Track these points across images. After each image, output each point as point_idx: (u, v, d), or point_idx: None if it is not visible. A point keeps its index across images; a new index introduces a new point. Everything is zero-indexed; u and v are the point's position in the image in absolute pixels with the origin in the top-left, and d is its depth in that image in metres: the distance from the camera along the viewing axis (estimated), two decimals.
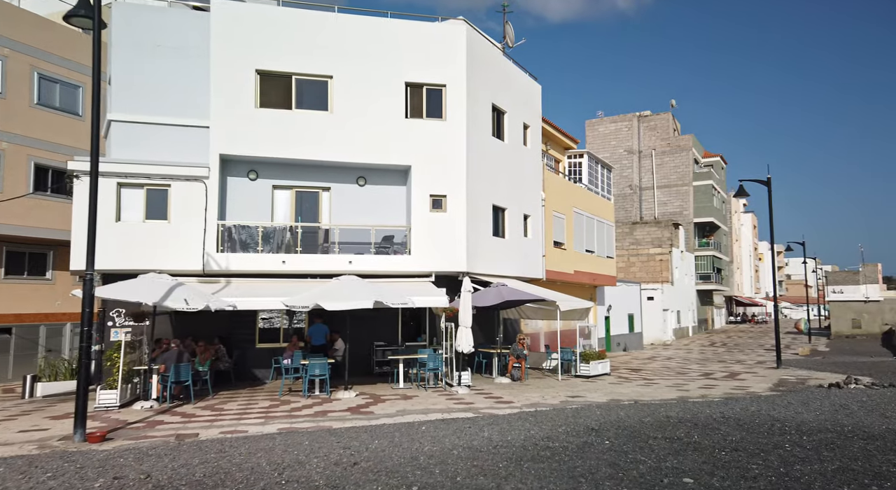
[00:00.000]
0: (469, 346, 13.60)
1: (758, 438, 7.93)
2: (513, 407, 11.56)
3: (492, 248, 18.40)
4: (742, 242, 73.57)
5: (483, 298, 15.62)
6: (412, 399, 12.66)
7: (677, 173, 51.35)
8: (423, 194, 16.76)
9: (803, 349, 31.59)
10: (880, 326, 43.97)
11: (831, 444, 7.51)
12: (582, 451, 7.23)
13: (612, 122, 53.69)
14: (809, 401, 11.56)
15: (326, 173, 16.81)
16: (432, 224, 16.75)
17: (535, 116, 21.50)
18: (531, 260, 20.96)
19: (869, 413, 9.94)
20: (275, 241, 15.89)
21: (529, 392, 13.92)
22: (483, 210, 17.94)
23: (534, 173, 21.29)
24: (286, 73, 16.01)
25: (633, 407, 11.33)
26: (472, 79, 17.38)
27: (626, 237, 44.53)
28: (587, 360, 17.39)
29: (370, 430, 8.83)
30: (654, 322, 38.72)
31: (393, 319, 17.74)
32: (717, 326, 58.21)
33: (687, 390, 14.50)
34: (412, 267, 16.51)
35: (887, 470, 6.06)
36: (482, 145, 17.90)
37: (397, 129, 16.60)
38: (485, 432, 8.52)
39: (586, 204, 26.38)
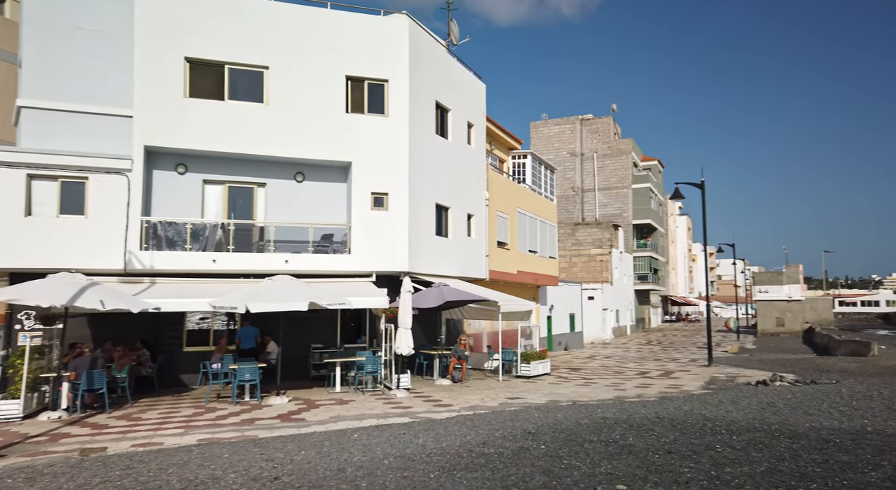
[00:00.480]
0: (409, 347, 13.27)
1: (690, 439, 7.98)
2: (451, 410, 11.32)
3: (435, 248, 18.13)
4: (677, 244, 76.51)
5: (424, 299, 15.32)
6: (348, 404, 12.21)
7: (617, 176, 52.74)
8: (364, 192, 16.30)
9: (732, 347, 32.98)
10: (801, 324, 46.62)
11: (760, 443, 7.63)
12: (517, 457, 7.04)
13: (556, 124, 54.59)
14: (739, 399, 11.88)
15: (262, 168, 16.08)
16: (373, 222, 16.31)
17: (480, 115, 21.39)
18: (474, 260, 20.83)
19: (794, 411, 10.27)
20: (205, 238, 15.04)
21: (469, 394, 13.73)
22: (426, 209, 17.64)
23: (478, 173, 21.17)
24: (218, 62, 15.18)
25: (571, 408, 11.30)
26: (416, 75, 17.05)
27: (569, 238, 45.33)
28: (528, 361, 17.39)
29: (298, 440, 8.35)
30: (595, 321, 39.56)
31: (332, 321, 17.18)
32: (654, 325, 60.20)
33: (624, 390, 14.68)
34: (352, 266, 16.03)
35: (812, 470, 6.15)
36: (425, 143, 17.60)
37: (337, 124, 16.07)
38: (419, 439, 8.22)
39: (530, 204, 26.54)
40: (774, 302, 48.42)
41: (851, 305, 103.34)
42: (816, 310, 48.40)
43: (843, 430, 8.48)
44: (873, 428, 8.64)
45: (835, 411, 10.12)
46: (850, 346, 25.53)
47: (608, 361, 24.22)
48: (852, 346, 25.26)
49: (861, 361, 21.31)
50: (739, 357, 26.08)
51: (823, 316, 48.11)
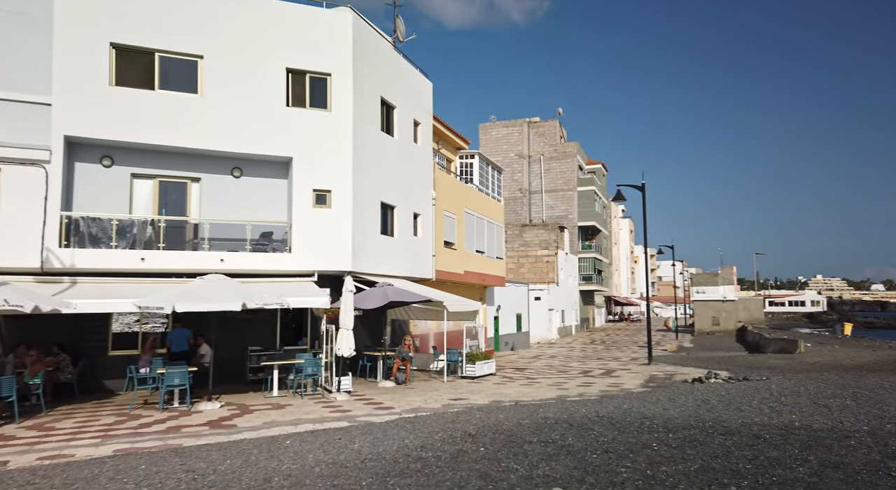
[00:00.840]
0: (350, 349, 12.88)
1: (628, 438, 7.99)
2: (392, 413, 11.02)
3: (380, 247, 17.78)
4: (620, 246, 78.70)
5: (368, 299, 14.96)
6: (285, 408, 11.72)
7: (563, 178, 53.69)
8: (305, 188, 15.78)
9: (671, 346, 34.05)
10: (735, 323, 48.74)
11: (694, 441, 7.70)
12: (455, 460, 6.83)
13: (504, 126, 55.09)
14: (675, 397, 12.10)
15: (196, 162, 15.31)
16: (316, 220, 15.82)
17: (426, 114, 21.18)
18: (421, 260, 20.59)
19: (727, 407, 10.51)
20: (132, 236, 14.17)
21: (412, 396, 13.47)
22: (371, 207, 17.27)
23: (424, 171, 20.95)
24: (148, 49, 14.35)
25: (513, 408, 11.22)
26: (360, 69, 16.66)
27: (517, 239, 45.76)
28: (473, 361, 17.28)
29: (225, 448, 7.87)
30: (541, 321, 40.04)
31: (271, 322, 16.55)
32: (598, 325, 61.64)
33: (566, 389, 14.77)
34: (293, 266, 15.48)
35: (743, 467, 6.22)
36: (370, 139, 17.23)
37: (277, 118, 15.49)
38: (356, 444, 7.89)
39: (477, 204, 26.53)
40: (710, 302, 50.42)
41: (780, 305, 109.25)
42: (749, 309, 50.72)
43: (773, 426, 8.70)
44: (800, 423, 8.91)
45: (765, 407, 10.41)
46: (779, 343, 26.76)
47: (553, 361, 24.47)
48: (781, 344, 26.49)
49: (789, 358, 22.32)
50: (678, 355, 26.90)
51: (755, 315, 50.46)
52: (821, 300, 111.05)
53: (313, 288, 14.95)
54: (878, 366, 18.56)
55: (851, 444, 7.39)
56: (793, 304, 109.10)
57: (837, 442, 7.53)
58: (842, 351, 25.31)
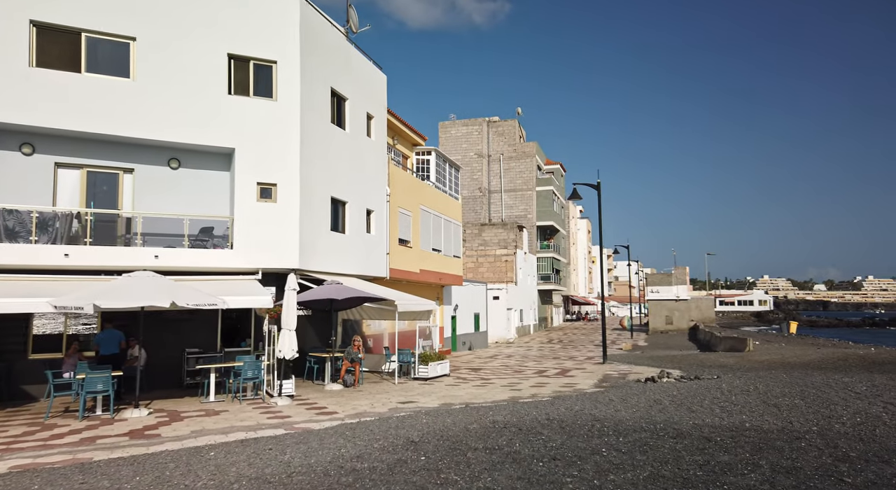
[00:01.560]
0: (292, 351, 12.17)
1: (577, 443, 7.62)
2: (335, 418, 10.40)
3: (330, 244, 17.08)
4: (578, 246, 79.60)
5: (315, 298, 14.25)
6: (219, 415, 10.94)
7: (522, 178, 53.79)
8: (249, 181, 14.96)
9: (626, 345, 34.35)
10: (688, 322, 49.78)
11: (645, 445, 7.40)
12: (391, 472, 6.31)
13: (464, 125, 54.81)
14: (628, 397, 11.88)
15: (129, 152, 14.30)
16: (260, 215, 15.02)
17: (380, 107, 20.56)
18: (374, 257, 19.97)
19: (678, 408, 10.31)
20: (55, 230, 13.08)
21: (360, 399, 12.86)
22: (320, 202, 16.55)
23: (378, 167, 20.33)
24: (73, 29, 13.28)
25: (463, 411, 10.76)
26: (308, 58, 15.93)
27: (476, 238, 45.52)
28: (426, 362, 16.77)
29: (139, 462, 7.12)
30: (499, 321, 39.86)
31: (212, 323, 15.65)
32: (556, 324, 62.07)
33: (520, 390, 14.42)
34: (235, 263, 14.65)
35: (694, 474, 5.90)
36: (319, 132, 16.51)
37: (218, 106, 14.63)
38: (286, 455, 7.27)
39: (434, 202, 26.05)
40: (664, 302, 51.35)
41: (730, 305, 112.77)
42: (700, 309, 51.91)
43: (724, 427, 8.50)
44: (751, 424, 8.75)
45: (716, 407, 10.26)
46: (729, 342, 27.23)
47: (509, 361, 24.20)
48: (731, 343, 26.96)
49: (739, 357, 22.66)
50: (632, 354, 27.05)
51: (706, 314, 51.67)
52: (768, 300, 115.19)
53: (256, 286, 14.16)
54: (823, 363, 18.95)
55: (802, 446, 7.21)
56: (742, 304, 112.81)
57: (788, 444, 7.35)
58: (788, 349, 25.92)
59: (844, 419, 9.03)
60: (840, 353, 22.58)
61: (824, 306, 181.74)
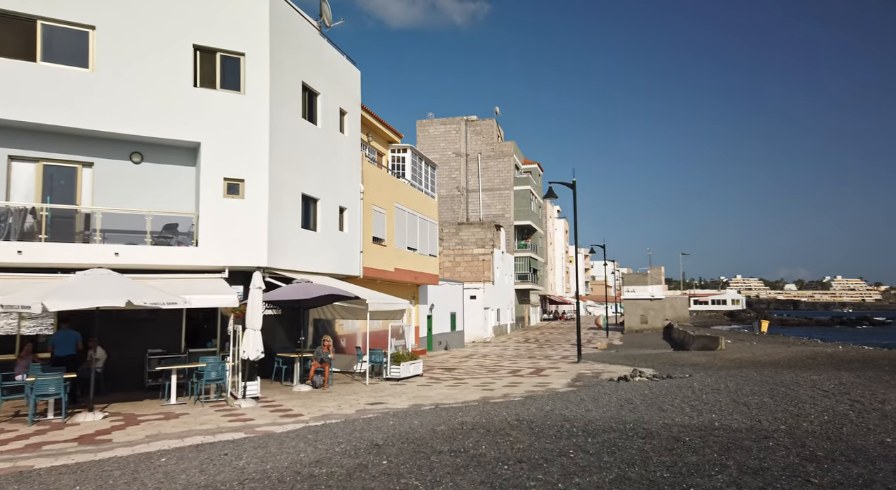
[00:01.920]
0: (257, 351, 11.80)
1: (545, 444, 7.45)
2: (299, 421, 10.09)
3: (301, 242, 16.71)
4: (555, 246, 79.97)
5: (284, 296, 13.89)
6: (178, 418, 10.54)
7: (500, 177, 53.79)
8: (215, 177, 14.52)
9: (601, 344, 34.48)
10: (662, 321, 50.31)
11: (613, 446, 7.25)
12: (350, 477, 6.05)
13: (442, 123, 54.59)
14: (599, 396, 11.78)
15: (88, 145, 13.76)
16: (227, 212, 14.59)
17: (354, 103, 20.22)
18: (347, 256, 19.63)
19: (649, 407, 10.23)
20: (8, 225, 12.51)
21: (327, 401, 12.54)
22: (290, 199, 16.17)
23: (352, 163, 19.99)
24: (28, 16, 12.71)
25: (432, 413, 10.53)
26: (278, 51, 15.53)
27: (453, 237, 45.34)
28: (398, 362, 16.50)
29: (83, 470, 6.74)
30: (476, 320, 39.73)
31: (176, 323, 15.16)
32: (533, 323, 62.23)
33: (492, 390, 14.25)
34: (200, 261, 14.20)
35: (661, 476, 5.76)
36: (290, 127, 16.12)
37: (183, 99, 14.16)
38: (241, 460, 6.95)
39: (409, 200, 25.77)
40: (639, 301, 51.80)
41: (704, 304, 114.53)
42: (675, 308, 52.50)
43: (693, 427, 8.42)
44: (720, 423, 8.68)
45: (686, 406, 10.20)
46: (702, 340, 27.48)
47: (485, 360, 24.05)
48: (703, 341, 27.20)
49: (711, 355, 22.84)
50: (607, 353, 27.13)
51: (681, 313, 52.28)
52: (740, 299, 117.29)
53: (222, 285, 13.75)
54: (793, 362, 19.16)
55: (770, 445, 7.14)
56: (715, 303, 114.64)
57: (756, 443, 7.27)
58: (759, 347, 26.24)
59: (812, 417, 9.02)
60: (809, 351, 22.91)
61: (795, 306, 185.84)
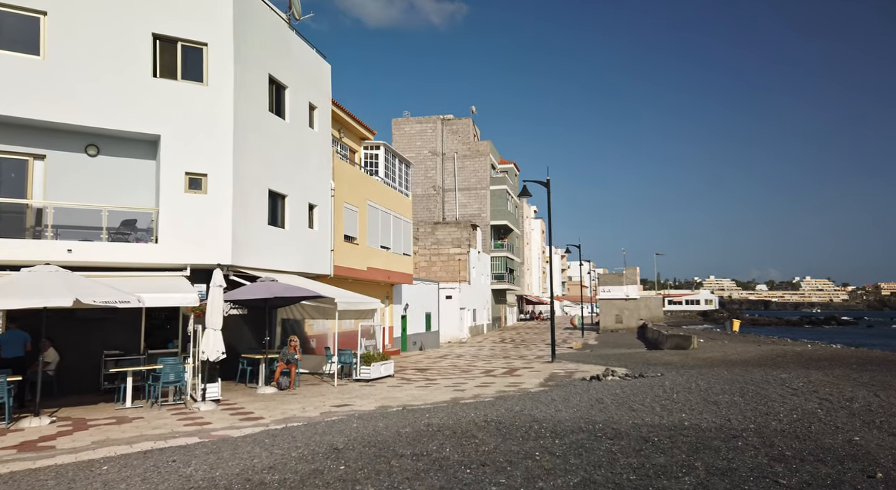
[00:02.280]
0: (217, 352, 11.33)
1: (511, 446, 7.19)
2: (259, 425, 9.67)
3: (268, 239, 16.23)
4: (532, 246, 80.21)
5: (246, 295, 13.43)
6: (131, 423, 10.03)
7: (476, 177, 53.63)
8: (176, 171, 13.98)
9: (577, 343, 34.49)
10: (637, 321, 50.67)
11: (581, 447, 7.03)
12: (302, 485, 5.70)
13: (418, 122, 54.23)
14: (570, 396, 11.59)
15: (39, 137, 13.12)
16: (188, 207, 14.06)
17: (324, 98, 19.78)
18: (317, 254, 19.18)
19: (619, 407, 10.06)
20: None
21: (291, 403, 12.11)
22: (256, 194, 15.69)
23: (322, 159, 19.54)
24: None
25: (399, 414, 10.21)
26: (243, 42, 15.05)
27: (429, 237, 45.03)
28: (368, 363, 16.13)
29: (16, 480, 6.26)
30: (452, 320, 39.47)
31: (135, 322, 14.55)
32: (510, 324, 62.25)
33: (463, 390, 13.97)
34: (160, 258, 13.66)
35: (627, 479, 5.54)
36: (256, 120, 15.64)
37: (142, 90, 13.60)
38: (190, 467, 6.55)
39: (382, 198, 25.38)
40: (614, 301, 52.13)
41: (678, 304, 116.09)
42: (649, 308, 52.94)
43: (663, 426, 8.25)
44: (690, 422, 8.54)
45: (657, 405, 10.06)
46: (675, 339, 27.62)
47: (459, 360, 23.79)
48: (676, 340, 27.34)
49: (683, 354, 22.92)
50: (582, 353, 27.10)
51: (655, 313, 52.75)
52: (713, 299, 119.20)
53: (182, 283, 13.24)
54: (763, 360, 19.29)
55: (739, 445, 6.99)
56: (689, 303, 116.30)
57: (725, 443, 7.11)
58: (731, 346, 26.47)
59: (781, 416, 8.93)
60: (779, 349, 23.15)
61: (766, 306, 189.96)
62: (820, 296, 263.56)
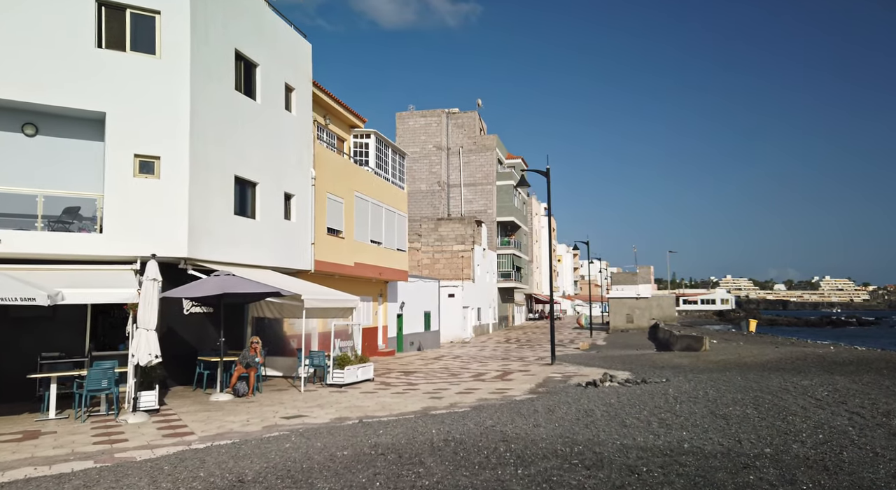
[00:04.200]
0: (150, 355, 9.92)
1: (460, 478, 5.69)
2: (181, 443, 8.25)
3: (235, 231, 14.87)
4: (542, 244, 78.32)
5: (192, 292, 12.03)
6: (37, 439, 8.65)
7: (482, 172, 52.01)
8: (124, 153, 12.61)
9: (583, 344, 32.78)
10: (648, 321, 48.71)
11: (547, 480, 5.51)
12: None
13: (422, 116, 52.74)
14: (557, 406, 10.05)
15: None
16: (138, 193, 12.70)
17: (304, 79, 18.36)
18: (296, 248, 17.80)
19: (610, 421, 8.51)
20: None
21: (239, 414, 10.68)
22: (219, 181, 14.30)
23: (301, 146, 18.13)
24: None
25: (349, 430, 8.74)
26: (203, 11, 13.66)
27: (432, 233, 43.57)
28: (342, 366, 14.68)
29: None
30: (455, 320, 37.90)
31: (79, 322, 13.22)
32: (518, 323, 60.57)
33: (441, 398, 12.47)
34: (105, 250, 12.30)
35: None
36: (219, 99, 14.25)
37: (84, 62, 12.25)
38: None
39: (373, 189, 23.92)
40: (625, 299, 50.23)
41: (693, 303, 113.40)
42: (662, 307, 50.96)
43: (657, 450, 6.69)
44: (691, 444, 6.97)
45: (654, 420, 8.50)
46: (686, 340, 25.86)
47: (453, 362, 22.29)
48: (687, 341, 25.58)
49: (694, 356, 21.20)
50: (587, 354, 25.48)
51: (667, 313, 50.76)
52: (730, 299, 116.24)
53: (127, 278, 11.86)
54: (782, 364, 17.55)
55: (750, 480, 5.42)
56: (705, 303, 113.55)
57: (732, 477, 5.55)
58: (746, 348, 24.66)
59: (804, 436, 7.33)
60: (799, 351, 21.30)
61: (784, 306, 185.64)
62: (840, 296, 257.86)
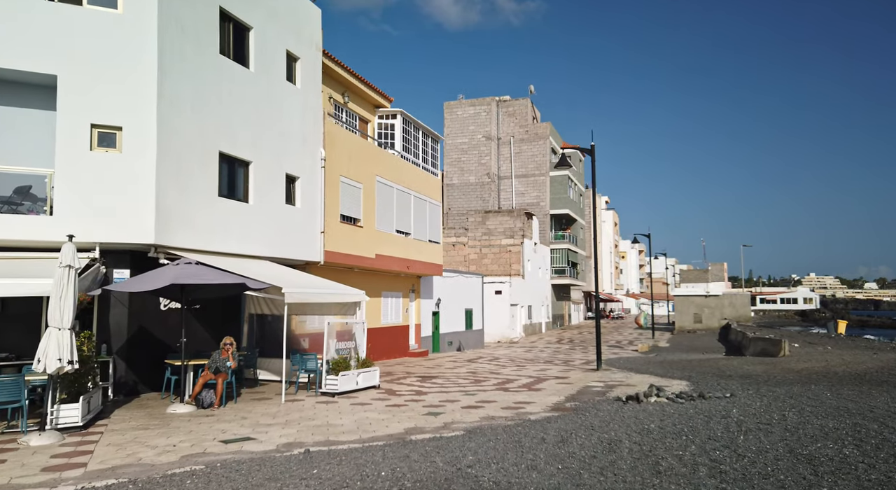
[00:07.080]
0: (62, 361, 8.05)
1: None
2: (51, 483, 6.29)
3: (220, 215, 13.13)
4: (602, 238, 74.10)
5: (145, 283, 10.20)
6: None
7: (535, 162, 48.92)
8: (78, 122, 11.03)
9: (643, 346, 29.41)
10: (719, 321, 44.13)
11: None
12: None
13: (471, 105, 50.23)
14: (574, 433, 7.46)
15: None
16: (95, 169, 11.11)
17: (312, 48, 16.44)
18: (302, 236, 15.98)
19: (637, 462, 5.87)
20: None
21: (176, 435, 8.65)
22: (198, 157, 12.55)
23: (307, 123, 16.24)
24: None
25: (278, 466, 6.55)
26: None
27: (480, 227, 41.10)
28: (336, 371, 12.56)
29: None
30: (501, 318, 35.31)
31: (33, 318, 11.70)
32: (575, 322, 57.08)
33: (439, 414, 10.08)
34: (55, 235, 10.69)
35: None
36: (197, 62, 12.47)
37: (32, 18, 10.73)
38: None
39: (399, 175, 21.80)
40: (692, 297, 45.83)
41: (772, 302, 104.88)
42: (735, 306, 46.17)
43: None
44: None
45: (703, 462, 5.80)
46: (760, 344, 22.15)
47: (487, 365, 19.87)
48: (762, 345, 21.88)
49: (769, 363, 17.75)
50: (644, 357, 22.40)
51: (742, 312, 45.93)
52: (813, 298, 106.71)
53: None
54: (883, 375, 14.00)
55: None
56: (784, 302, 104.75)
57: None
58: (835, 353, 20.77)
59: None
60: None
61: (876, 306, 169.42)
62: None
